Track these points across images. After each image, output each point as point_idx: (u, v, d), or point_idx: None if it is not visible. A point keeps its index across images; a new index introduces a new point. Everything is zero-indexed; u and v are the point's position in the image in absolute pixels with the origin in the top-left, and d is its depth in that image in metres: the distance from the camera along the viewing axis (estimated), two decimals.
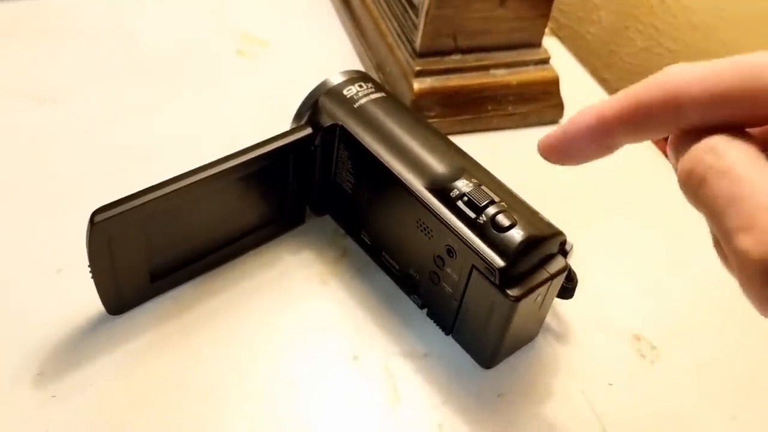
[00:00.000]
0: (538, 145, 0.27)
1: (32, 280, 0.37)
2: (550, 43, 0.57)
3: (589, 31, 0.70)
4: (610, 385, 0.36)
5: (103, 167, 0.43)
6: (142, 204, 0.32)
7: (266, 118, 0.42)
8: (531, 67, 0.50)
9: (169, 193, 0.32)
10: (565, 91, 0.51)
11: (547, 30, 0.50)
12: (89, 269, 0.32)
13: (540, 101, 0.50)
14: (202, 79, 0.51)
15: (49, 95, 0.48)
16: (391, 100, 0.39)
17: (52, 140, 0.45)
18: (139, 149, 0.45)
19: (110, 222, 0.31)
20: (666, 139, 0.56)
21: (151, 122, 0.47)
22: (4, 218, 0.40)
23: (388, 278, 0.39)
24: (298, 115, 0.39)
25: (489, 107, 0.49)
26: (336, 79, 0.39)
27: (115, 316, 0.35)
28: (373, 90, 0.39)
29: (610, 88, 0.67)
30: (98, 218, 0.31)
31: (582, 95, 0.55)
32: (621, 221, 0.46)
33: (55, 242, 0.39)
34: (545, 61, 0.50)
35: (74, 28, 0.54)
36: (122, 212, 0.31)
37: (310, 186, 0.40)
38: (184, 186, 0.33)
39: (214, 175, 0.34)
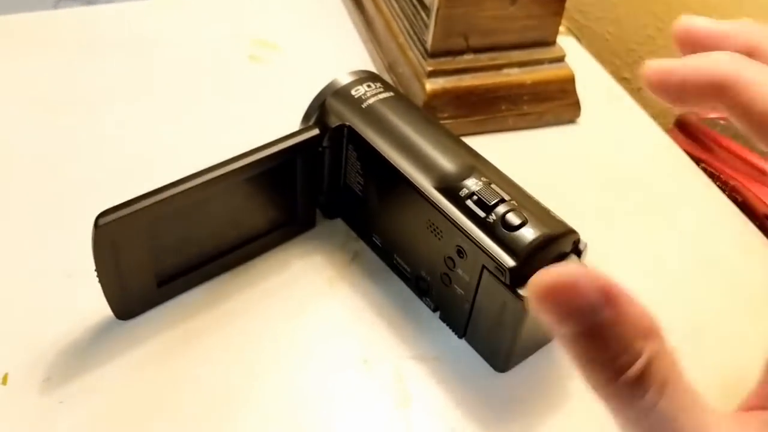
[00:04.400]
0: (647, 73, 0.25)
1: (42, 284, 0.37)
2: (568, 43, 0.56)
3: (609, 30, 0.68)
4: None
5: (116, 172, 0.43)
6: (147, 206, 0.31)
7: (280, 122, 0.42)
8: (545, 66, 0.49)
9: (173, 195, 0.32)
10: (584, 91, 0.50)
11: (565, 30, 0.49)
12: (96, 273, 0.32)
13: (556, 100, 0.49)
14: (216, 86, 0.51)
15: (63, 102, 0.48)
16: (400, 100, 0.38)
17: (65, 145, 0.45)
18: (152, 155, 0.45)
19: (114, 225, 0.31)
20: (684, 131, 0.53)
21: (165, 128, 0.47)
22: (15, 221, 0.40)
23: (399, 281, 0.38)
24: (306, 117, 0.39)
25: (503, 107, 0.48)
26: (344, 80, 0.39)
27: (124, 321, 0.35)
28: (381, 90, 0.38)
29: (631, 88, 0.66)
30: (102, 221, 0.30)
31: (600, 94, 0.54)
32: (639, 220, 0.44)
33: (66, 246, 0.38)
34: (560, 59, 0.49)
35: (89, 37, 0.54)
36: (126, 215, 0.31)
37: (319, 189, 0.39)
38: (189, 188, 0.32)
39: (219, 176, 0.33)
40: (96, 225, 0.30)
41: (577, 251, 0.33)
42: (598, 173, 0.48)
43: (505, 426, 0.33)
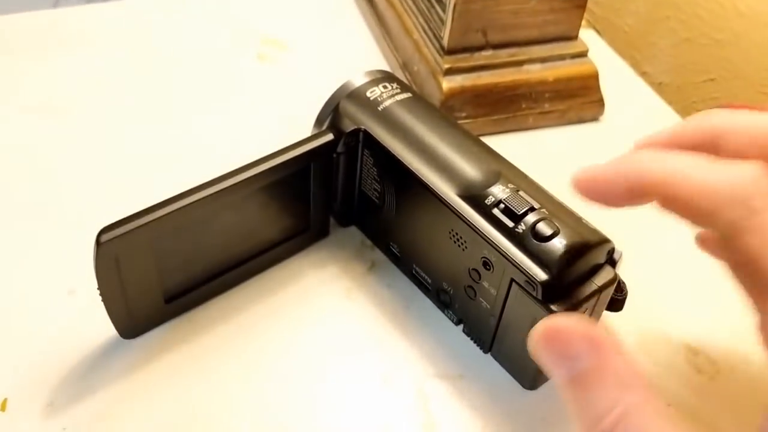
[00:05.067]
0: (576, 178, 0.27)
1: (43, 302, 0.35)
2: (588, 36, 0.54)
3: (627, 22, 0.66)
4: (667, 405, 0.33)
5: (121, 181, 0.41)
6: (151, 221, 0.29)
7: (289, 124, 0.40)
8: (567, 61, 0.47)
9: (179, 209, 0.30)
10: (606, 87, 0.48)
11: (583, 22, 0.47)
12: (99, 292, 0.30)
13: (578, 97, 0.47)
14: (222, 86, 0.49)
15: (63, 107, 0.46)
16: (418, 101, 0.36)
17: (66, 154, 0.43)
18: (158, 161, 0.43)
19: (117, 241, 0.29)
20: None
21: (170, 132, 0.45)
22: (14, 234, 0.38)
23: (420, 293, 0.36)
24: (319, 121, 0.37)
25: (524, 105, 0.46)
26: (358, 81, 0.36)
27: (129, 340, 0.33)
28: (398, 90, 0.36)
29: (652, 82, 0.63)
30: (104, 238, 0.28)
31: (623, 90, 0.51)
32: (674, 225, 0.42)
33: (68, 261, 0.36)
34: (583, 55, 0.47)
35: (90, 36, 0.52)
36: (130, 231, 0.29)
37: (334, 196, 0.37)
38: (196, 201, 0.30)
39: (227, 188, 0.31)
40: (98, 242, 0.28)
41: (612, 261, 0.31)
42: None
43: None
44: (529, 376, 0.32)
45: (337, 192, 0.37)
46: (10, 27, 0.53)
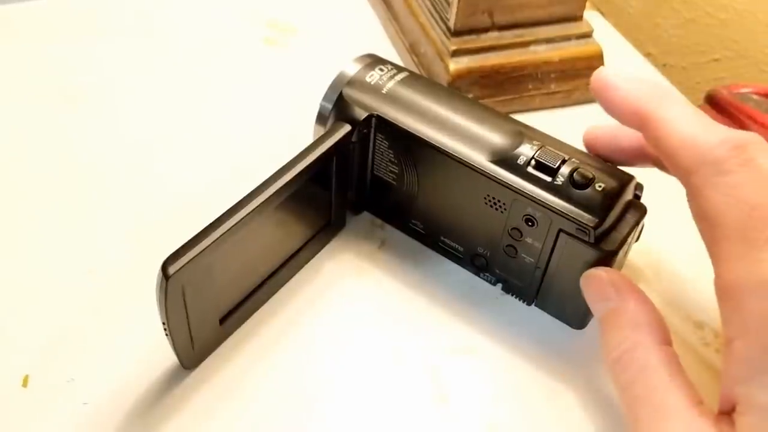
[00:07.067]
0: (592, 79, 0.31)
1: (65, 281, 0.36)
2: (592, 18, 0.54)
3: (631, 4, 0.66)
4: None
5: (134, 166, 0.42)
6: (212, 243, 0.29)
7: (297, 107, 0.40)
8: (573, 42, 0.47)
9: (233, 225, 0.29)
10: (611, 68, 0.48)
11: (588, 4, 0.48)
12: (164, 328, 0.29)
13: (584, 77, 0.47)
14: (229, 70, 0.50)
15: (75, 93, 0.47)
16: (417, 78, 0.37)
17: (81, 140, 0.44)
18: (164, 145, 0.44)
19: (184, 270, 0.28)
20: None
21: (175, 116, 0.46)
22: (28, 221, 0.39)
23: (430, 267, 0.37)
24: (321, 115, 0.37)
25: (530, 86, 0.47)
26: (352, 69, 0.37)
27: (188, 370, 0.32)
28: (395, 71, 0.37)
29: (656, 63, 0.64)
30: (172, 269, 0.27)
31: (628, 70, 0.52)
32: (673, 200, 0.43)
33: (89, 242, 0.37)
34: (588, 35, 0.47)
35: (99, 24, 0.53)
36: (195, 257, 0.28)
37: (349, 185, 0.37)
38: (246, 215, 0.30)
39: (270, 196, 0.31)
40: (166, 275, 0.27)
41: (637, 196, 0.33)
42: None
43: (545, 415, 0.32)
44: (579, 317, 0.34)
45: (352, 180, 0.37)
46: (22, 15, 0.53)
